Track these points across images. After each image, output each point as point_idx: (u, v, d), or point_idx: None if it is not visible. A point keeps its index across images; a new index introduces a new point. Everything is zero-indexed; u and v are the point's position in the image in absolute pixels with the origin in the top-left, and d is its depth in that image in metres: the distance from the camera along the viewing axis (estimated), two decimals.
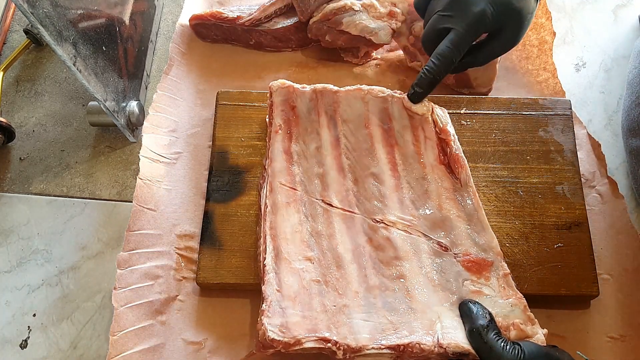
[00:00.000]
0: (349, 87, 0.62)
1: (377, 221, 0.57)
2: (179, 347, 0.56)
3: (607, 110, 0.71)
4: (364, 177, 0.60)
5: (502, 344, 0.47)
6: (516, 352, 0.46)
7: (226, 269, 0.58)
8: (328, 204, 0.58)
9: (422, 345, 0.49)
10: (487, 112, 0.65)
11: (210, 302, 0.59)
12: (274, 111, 0.62)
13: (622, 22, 0.77)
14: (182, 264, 0.60)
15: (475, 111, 0.65)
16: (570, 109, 0.65)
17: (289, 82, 0.62)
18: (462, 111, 0.65)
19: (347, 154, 0.61)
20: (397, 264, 0.55)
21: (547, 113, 0.65)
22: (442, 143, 0.60)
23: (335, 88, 0.62)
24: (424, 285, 0.54)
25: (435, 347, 0.49)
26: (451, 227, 0.57)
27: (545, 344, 0.49)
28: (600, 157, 0.65)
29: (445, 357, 0.50)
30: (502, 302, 0.52)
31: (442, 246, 0.56)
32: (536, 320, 0.51)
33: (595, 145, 0.66)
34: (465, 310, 0.52)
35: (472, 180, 0.59)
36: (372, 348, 0.49)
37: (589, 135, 0.67)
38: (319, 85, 0.63)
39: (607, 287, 0.59)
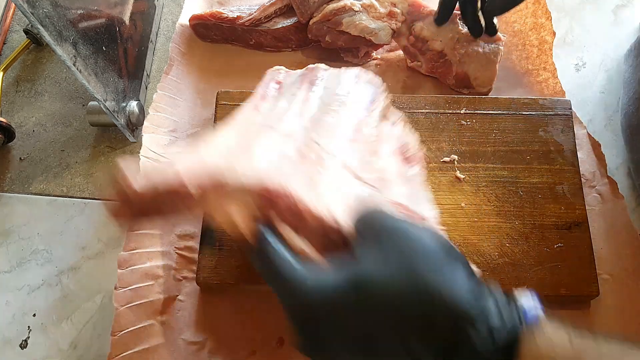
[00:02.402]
0: (344, 67, 0.57)
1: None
2: (179, 347, 0.56)
3: (607, 110, 0.71)
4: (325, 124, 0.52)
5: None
6: None
7: (226, 269, 0.58)
8: None
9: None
10: (487, 112, 0.65)
11: (210, 302, 0.59)
12: (259, 86, 0.57)
13: (622, 22, 0.77)
14: (182, 264, 0.60)
15: (475, 111, 0.65)
16: (570, 109, 0.65)
17: (284, 67, 0.59)
18: (462, 111, 0.65)
19: (320, 104, 0.53)
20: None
21: (547, 113, 0.65)
22: None
23: (328, 67, 0.57)
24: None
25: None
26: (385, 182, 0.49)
27: None
28: (600, 157, 0.65)
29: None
30: None
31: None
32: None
33: (595, 145, 0.66)
34: None
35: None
36: None
37: (589, 135, 0.67)
38: (311, 65, 0.58)
39: (607, 287, 0.59)
